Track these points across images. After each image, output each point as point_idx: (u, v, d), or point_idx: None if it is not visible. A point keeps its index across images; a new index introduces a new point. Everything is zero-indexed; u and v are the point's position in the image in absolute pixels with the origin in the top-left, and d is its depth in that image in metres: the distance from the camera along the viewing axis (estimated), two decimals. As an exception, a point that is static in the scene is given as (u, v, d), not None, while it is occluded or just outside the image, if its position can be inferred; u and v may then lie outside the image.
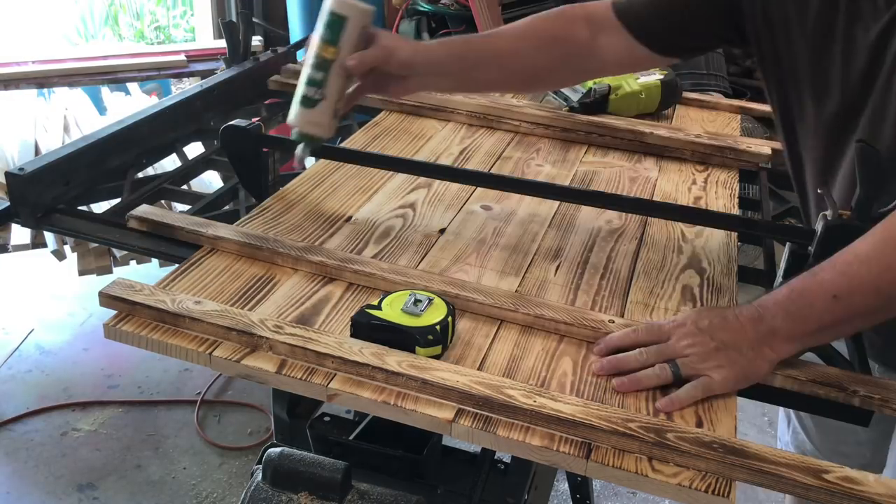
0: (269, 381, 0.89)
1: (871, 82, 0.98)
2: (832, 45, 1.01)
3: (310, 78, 1.08)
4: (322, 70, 1.07)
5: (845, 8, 0.99)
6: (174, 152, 1.47)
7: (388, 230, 1.18)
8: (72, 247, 2.29)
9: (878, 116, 0.98)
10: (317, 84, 1.08)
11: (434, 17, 3.49)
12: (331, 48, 1.06)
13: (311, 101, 1.08)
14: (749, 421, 2.53)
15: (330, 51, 1.07)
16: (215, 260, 1.07)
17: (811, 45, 1.04)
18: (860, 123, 1.00)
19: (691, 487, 0.77)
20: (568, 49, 1.20)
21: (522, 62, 1.20)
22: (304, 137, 1.11)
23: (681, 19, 1.15)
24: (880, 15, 0.95)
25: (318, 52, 1.07)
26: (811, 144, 1.09)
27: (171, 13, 5.25)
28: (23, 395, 2.48)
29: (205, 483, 2.21)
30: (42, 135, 2.62)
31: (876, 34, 0.96)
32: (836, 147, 1.05)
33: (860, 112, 1.00)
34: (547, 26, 1.21)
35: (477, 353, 0.93)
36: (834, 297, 0.85)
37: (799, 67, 1.06)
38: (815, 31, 1.02)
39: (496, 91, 1.56)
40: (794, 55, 1.06)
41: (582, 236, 1.21)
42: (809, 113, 1.07)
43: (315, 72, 1.07)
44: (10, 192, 1.15)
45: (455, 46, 1.18)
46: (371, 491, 0.95)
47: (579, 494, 1.86)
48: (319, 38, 1.07)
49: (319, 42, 1.07)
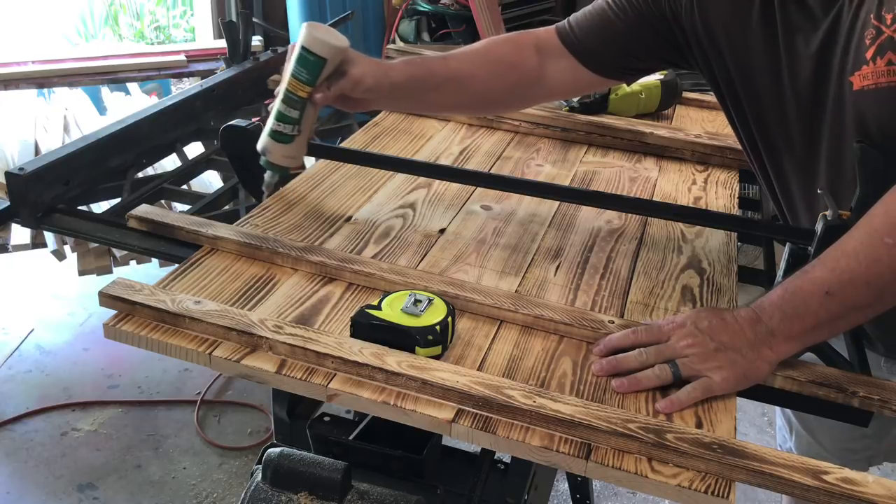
0: (269, 381, 0.89)
1: (823, 94, 0.98)
2: (777, 61, 1.02)
3: (283, 115, 1.07)
4: (297, 109, 1.06)
5: (781, 21, 0.99)
6: (174, 152, 1.47)
7: (388, 230, 1.18)
8: (72, 247, 2.29)
9: (839, 124, 0.98)
10: (292, 122, 1.07)
11: (434, 16, 3.49)
12: (307, 88, 1.05)
13: (285, 136, 1.08)
14: (749, 421, 2.53)
15: (306, 90, 1.05)
16: (215, 260, 1.07)
17: (758, 62, 1.04)
18: (823, 133, 1.01)
19: (691, 488, 0.77)
20: (519, 76, 1.22)
21: (477, 87, 1.22)
22: (275, 168, 1.11)
23: (623, 43, 1.16)
24: (818, 24, 0.96)
25: (292, 91, 1.06)
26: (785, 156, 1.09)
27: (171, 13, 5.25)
28: (23, 395, 2.48)
29: (205, 483, 2.21)
30: (42, 135, 2.62)
31: (817, 45, 0.97)
32: (808, 154, 1.05)
33: (820, 121, 1.01)
34: (501, 52, 1.23)
35: (477, 354, 0.93)
36: (827, 294, 0.85)
37: (751, 84, 1.07)
38: (758, 49, 1.03)
39: (450, 113, 1.56)
40: (745, 73, 1.07)
41: (582, 236, 1.21)
42: (772, 127, 1.07)
43: (289, 109, 1.06)
44: (10, 192, 1.15)
45: (416, 69, 1.17)
46: (371, 491, 0.95)
47: (579, 494, 1.86)
48: (293, 75, 1.05)
49: (293, 80, 1.05)
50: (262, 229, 1.14)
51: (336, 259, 1.05)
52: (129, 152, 1.36)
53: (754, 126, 1.10)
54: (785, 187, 1.13)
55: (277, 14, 3.72)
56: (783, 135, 1.06)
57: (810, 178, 1.05)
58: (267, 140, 1.09)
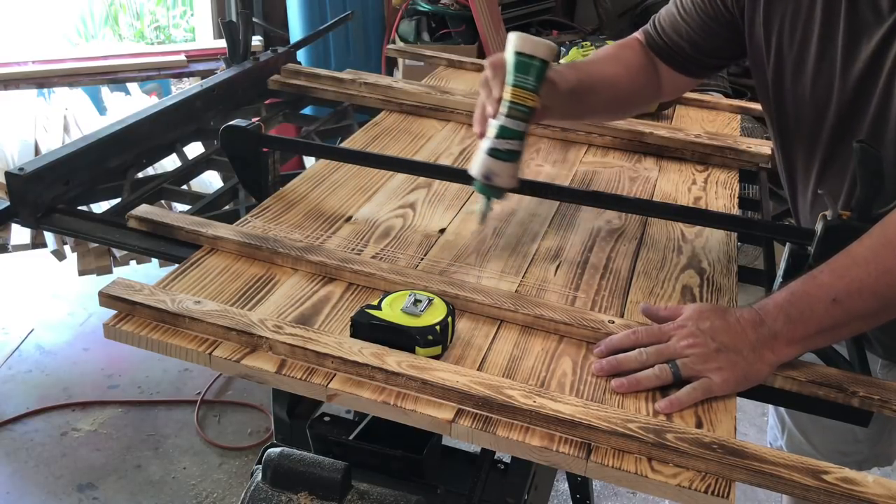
0: (269, 381, 0.89)
1: (871, 88, 0.99)
2: (833, 53, 1.01)
3: (511, 130, 1.02)
4: (525, 120, 1.02)
5: (845, 17, 0.99)
6: (174, 152, 1.46)
7: (388, 230, 1.18)
8: (72, 247, 2.29)
9: (881, 119, 0.98)
10: (520, 136, 1.02)
11: (434, 16, 3.49)
12: (534, 95, 1.02)
13: (514, 153, 1.03)
14: (749, 421, 2.53)
15: (534, 98, 1.02)
16: (215, 260, 1.07)
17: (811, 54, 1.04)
18: (862, 128, 1.01)
19: (691, 488, 0.77)
20: (647, 79, 1.25)
21: (623, 88, 1.24)
22: (498, 192, 1.06)
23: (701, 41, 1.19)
24: (882, 21, 0.96)
25: (520, 101, 1.01)
26: (808, 149, 1.09)
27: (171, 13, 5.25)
28: (23, 395, 2.48)
29: (205, 483, 2.21)
30: (42, 135, 2.62)
31: (877, 41, 0.96)
32: (835, 150, 1.05)
33: (861, 117, 1.01)
34: (629, 56, 1.25)
35: (477, 354, 0.93)
36: (833, 301, 0.85)
37: (797, 74, 1.07)
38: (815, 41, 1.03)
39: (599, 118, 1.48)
40: (796, 64, 1.07)
41: (582, 236, 1.21)
42: (807, 117, 1.08)
43: (517, 122, 1.02)
44: (10, 192, 1.15)
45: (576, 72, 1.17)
46: (371, 491, 0.95)
47: (579, 495, 1.86)
48: (517, 85, 1.01)
49: (518, 90, 1.01)
50: (262, 229, 1.14)
51: (336, 259, 1.05)
52: (129, 152, 1.36)
53: (791, 114, 1.11)
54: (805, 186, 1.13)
55: (277, 14, 3.73)
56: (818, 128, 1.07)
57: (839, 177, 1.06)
58: (491, 162, 1.03)
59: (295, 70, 1.72)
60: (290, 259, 1.06)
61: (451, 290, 1.00)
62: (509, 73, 1.02)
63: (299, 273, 1.05)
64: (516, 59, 1.01)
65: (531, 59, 1.01)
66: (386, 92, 1.64)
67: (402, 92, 1.63)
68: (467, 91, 1.67)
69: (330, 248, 1.10)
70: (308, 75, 1.71)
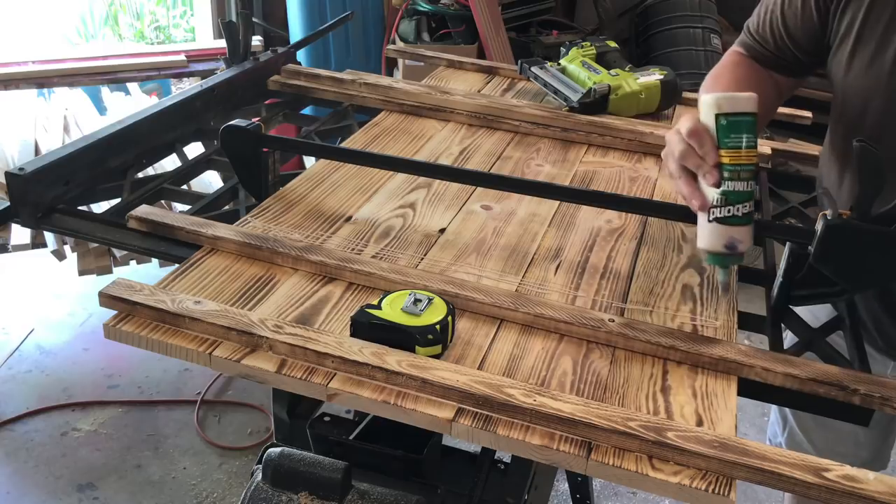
0: (269, 381, 0.89)
1: None
2: None
3: (741, 193, 0.98)
4: (752, 179, 0.99)
5: None
6: (174, 152, 1.47)
7: (388, 230, 1.18)
8: (72, 247, 2.29)
9: None
10: (750, 197, 0.99)
11: (434, 16, 3.49)
12: (754, 151, 0.99)
13: (748, 216, 1.00)
14: (749, 421, 2.53)
15: (754, 154, 0.99)
16: (215, 260, 1.07)
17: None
18: None
19: (691, 486, 0.77)
20: (768, 89, 1.27)
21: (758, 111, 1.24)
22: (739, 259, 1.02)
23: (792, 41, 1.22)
24: None
25: (742, 162, 0.98)
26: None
27: (171, 13, 5.24)
28: (23, 395, 2.49)
29: (205, 483, 2.21)
30: (42, 135, 2.62)
31: None
32: None
33: None
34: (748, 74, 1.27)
35: (477, 353, 0.93)
36: None
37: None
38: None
39: None
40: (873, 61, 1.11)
41: (582, 236, 1.21)
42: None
43: (746, 184, 0.99)
44: (11, 192, 1.15)
45: None
46: (371, 491, 0.95)
47: (579, 494, 1.86)
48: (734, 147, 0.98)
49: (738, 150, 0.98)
50: (262, 229, 1.14)
51: (336, 259, 1.05)
52: (129, 152, 1.36)
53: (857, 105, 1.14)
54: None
55: (277, 14, 3.73)
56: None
57: None
58: (732, 230, 0.99)
59: (295, 70, 1.72)
60: (290, 259, 1.06)
61: (451, 289, 1.00)
62: (719, 136, 0.99)
63: (299, 273, 1.05)
64: (725, 120, 0.99)
65: (744, 115, 0.99)
66: (386, 92, 1.64)
67: (402, 92, 1.63)
68: (467, 91, 1.67)
69: (330, 247, 1.10)
70: (308, 76, 1.71)
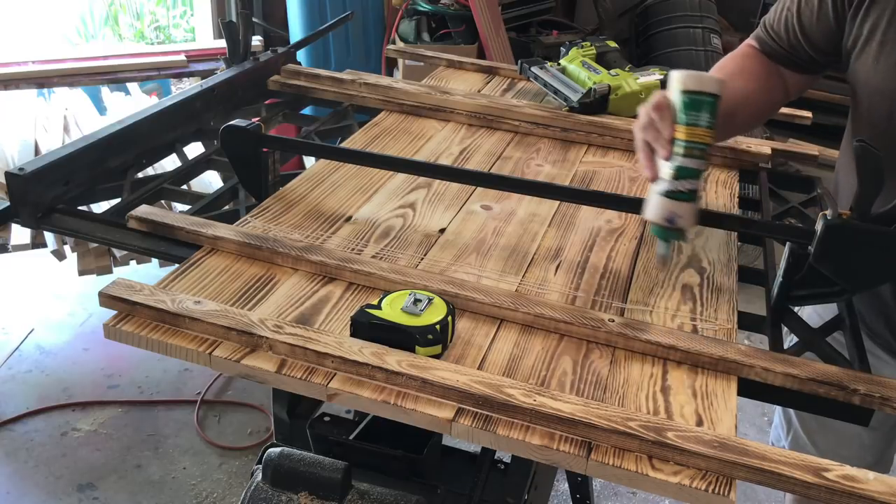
0: (269, 381, 0.89)
1: None
2: None
3: (689, 169, 1.00)
4: (703, 158, 1.01)
5: None
6: (174, 152, 1.47)
7: (388, 230, 1.18)
8: (72, 247, 2.30)
9: None
10: (699, 175, 1.01)
11: (434, 16, 3.49)
12: (710, 131, 1.00)
13: (694, 193, 1.01)
14: (749, 421, 2.53)
15: (710, 134, 1.00)
16: (215, 260, 1.07)
17: None
18: None
19: (691, 486, 0.77)
20: (775, 85, 1.26)
21: (755, 106, 1.24)
22: (680, 234, 1.04)
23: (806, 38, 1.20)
24: None
25: (697, 140, 1.00)
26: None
27: (171, 13, 5.24)
28: (23, 395, 2.49)
29: (205, 483, 2.21)
30: (42, 135, 2.62)
31: None
32: None
33: None
34: (755, 67, 1.26)
35: (477, 353, 0.93)
36: None
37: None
38: None
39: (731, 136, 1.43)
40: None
41: (582, 236, 1.21)
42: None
43: (696, 161, 1.00)
44: (10, 192, 1.15)
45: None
46: (371, 491, 0.95)
47: (579, 494, 1.86)
48: (691, 123, 1.00)
49: (693, 128, 1.00)
50: (262, 229, 1.14)
51: (336, 259, 1.05)
52: (129, 152, 1.36)
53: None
54: None
55: (277, 14, 3.73)
56: None
57: None
58: (673, 204, 1.01)
59: (295, 70, 1.72)
60: (290, 259, 1.06)
61: (451, 289, 1.00)
62: (679, 112, 1.01)
63: (299, 273, 1.05)
64: (687, 97, 1.00)
65: (704, 95, 1.00)
66: (386, 92, 1.64)
67: (402, 92, 1.63)
68: (467, 91, 1.67)
69: (330, 247, 1.10)
70: (308, 76, 1.71)
